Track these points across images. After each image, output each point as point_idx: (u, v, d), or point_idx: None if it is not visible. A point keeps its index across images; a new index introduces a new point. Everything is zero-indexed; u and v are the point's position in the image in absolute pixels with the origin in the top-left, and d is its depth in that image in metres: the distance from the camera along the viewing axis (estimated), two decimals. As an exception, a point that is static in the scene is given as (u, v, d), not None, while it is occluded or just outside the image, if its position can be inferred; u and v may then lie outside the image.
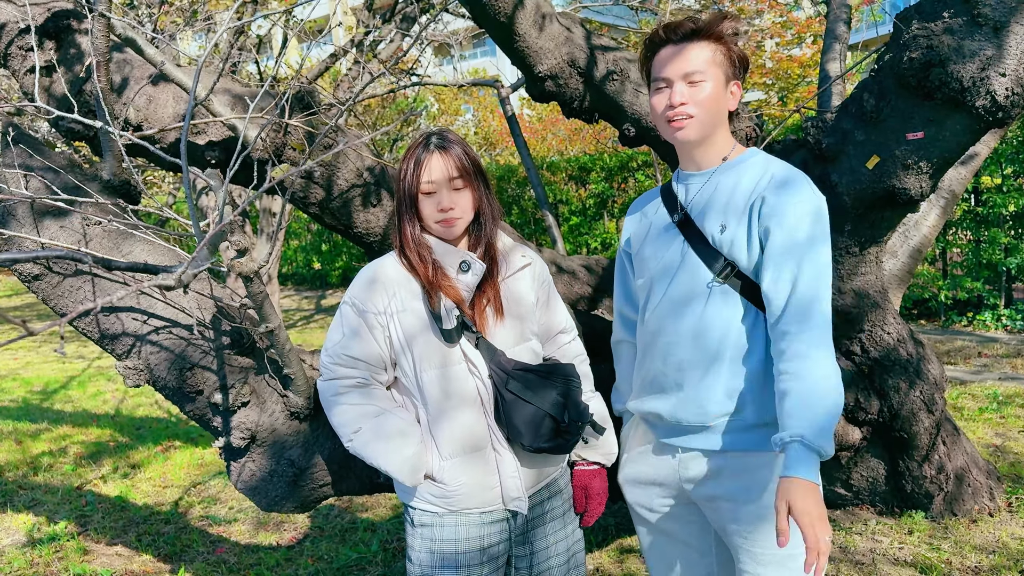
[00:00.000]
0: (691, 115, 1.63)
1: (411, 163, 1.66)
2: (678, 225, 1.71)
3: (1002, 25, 2.07)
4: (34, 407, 6.53)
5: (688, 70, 1.62)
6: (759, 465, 1.64)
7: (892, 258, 3.57)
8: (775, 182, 1.60)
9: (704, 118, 1.64)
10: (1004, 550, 2.88)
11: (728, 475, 1.66)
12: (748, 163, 1.67)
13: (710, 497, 1.70)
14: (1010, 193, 6.99)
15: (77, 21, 2.31)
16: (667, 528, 1.86)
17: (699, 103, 1.62)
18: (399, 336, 1.68)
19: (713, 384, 1.64)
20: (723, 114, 1.67)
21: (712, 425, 1.66)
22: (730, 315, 1.62)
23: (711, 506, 1.71)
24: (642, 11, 8.65)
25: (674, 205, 1.74)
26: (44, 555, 3.52)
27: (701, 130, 1.65)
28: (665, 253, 1.72)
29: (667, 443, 1.74)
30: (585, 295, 2.88)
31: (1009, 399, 4.92)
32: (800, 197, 1.58)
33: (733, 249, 1.62)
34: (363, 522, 3.73)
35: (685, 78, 1.62)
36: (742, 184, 1.64)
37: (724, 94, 1.66)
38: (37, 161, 2.10)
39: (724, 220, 1.63)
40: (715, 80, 1.63)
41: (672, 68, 1.64)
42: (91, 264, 1.51)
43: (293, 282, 15.48)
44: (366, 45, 5.42)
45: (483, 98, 18.03)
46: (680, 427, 1.71)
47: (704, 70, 1.62)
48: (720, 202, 1.65)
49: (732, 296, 1.62)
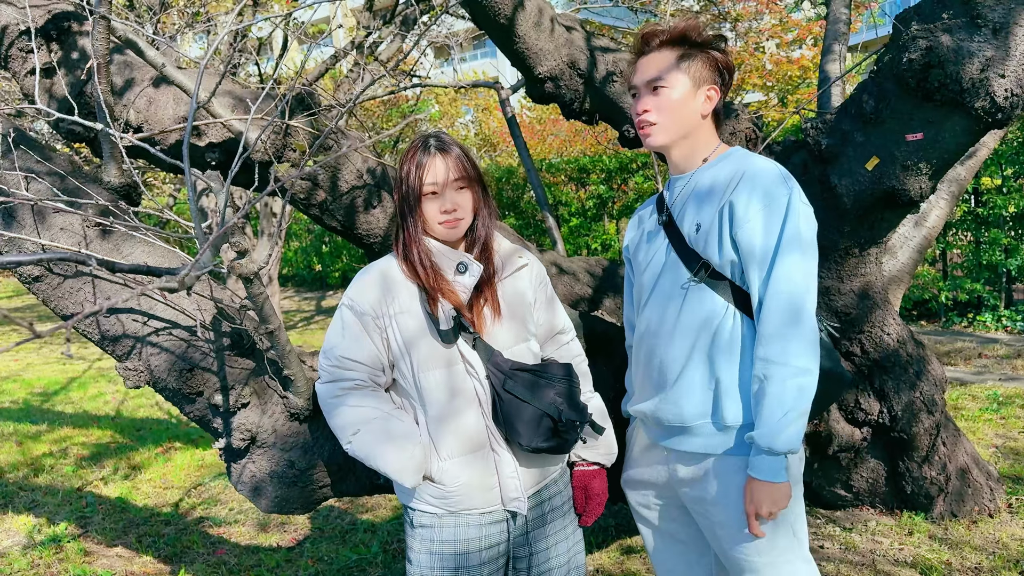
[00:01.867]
0: (653, 122, 1.66)
1: (412, 166, 1.66)
2: (663, 227, 1.74)
3: (1001, 26, 2.07)
4: (35, 408, 6.54)
5: (649, 77, 1.66)
6: (738, 468, 1.64)
7: (896, 254, 3.57)
8: (746, 182, 1.59)
9: (667, 124, 1.66)
10: (1004, 551, 2.88)
11: (711, 478, 1.66)
12: (726, 163, 1.68)
13: (696, 500, 1.71)
14: (1010, 194, 6.99)
15: (77, 23, 2.31)
16: (666, 528, 1.87)
17: (661, 109, 1.65)
18: (397, 338, 1.68)
19: (689, 385, 1.65)
20: (693, 119, 1.67)
21: (691, 427, 1.66)
22: (706, 315, 1.63)
23: (698, 510, 1.72)
24: (642, 12, 8.65)
25: (662, 209, 1.78)
26: (45, 556, 3.52)
27: (666, 136, 1.67)
28: (653, 255, 1.75)
29: (658, 444, 1.77)
30: (585, 296, 2.88)
31: (1009, 400, 4.92)
32: (772, 196, 1.57)
33: (707, 248, 1.63)
34: (363, 523, 3.73)
35: (648, 85, 1.67)
36: (716, 183, 1.65)
37: (692, 99, 1.66)
38: (38, 163, 2.10)
39: (699, 220, 1.65)
40: (679, 86, 1.64)
41: (638, 76, 1.69)
42: (94, 266, 1.51)
43: (293, 283, 15.49)
44: (366, 47, 5.42)
45: (483, 99, 18.04)
46: (664, 428, 1.72)
47: (665, 76, 1.64)
48: (696, 203, 1.67)
49: (708, 295, 1.63)
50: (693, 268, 1.64)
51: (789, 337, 1.53)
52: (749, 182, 1.59)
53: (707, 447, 1.65)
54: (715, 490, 1.65)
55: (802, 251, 1.56)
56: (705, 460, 1.67)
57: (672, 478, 1.75)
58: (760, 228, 1.56)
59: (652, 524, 1.88)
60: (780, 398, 1.53)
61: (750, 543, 1.64)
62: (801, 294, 1.55)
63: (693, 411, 1.65)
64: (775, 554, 1.65)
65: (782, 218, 1.56)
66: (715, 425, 1.64)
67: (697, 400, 1.64)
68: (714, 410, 1.63)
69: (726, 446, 1.63)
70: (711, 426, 1.64)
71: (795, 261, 1.55)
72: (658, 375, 1.70)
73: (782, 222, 1.55)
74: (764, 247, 1.56)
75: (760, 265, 1.56)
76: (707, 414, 1.64)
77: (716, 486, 1.65)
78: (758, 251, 1.56)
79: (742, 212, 1.57)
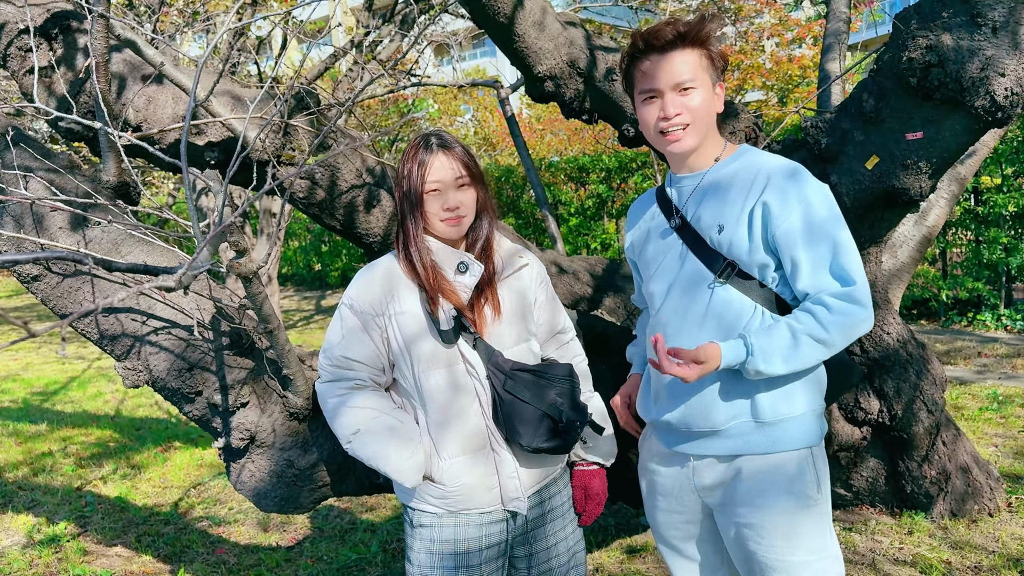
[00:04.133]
0: (687, 124, 1.61)
1: (414, 164, 1.66)
2: (676, 230, 1.70)
3: (1001, 25, 2.07)
4: (34, 408, 6.53)
5: (678, 80, 1.59)
6: (773, 466, 1.62)
7: (896, 253, 3.57)
8: (777, 179, 1.58)
9: (700, 125, 1.62)
10: (1004, 550, 2.88)
11: (743, 479, 1.64)
12: (740, 161, 1.66)
13: (724, 503, 1.68)
14: (1010, 193, 6.99)
15: (76, 22, 2.31)
16: (681, 546, 1.85)
17: (693, 111, 1.60)
18: (398, 337, 1.68)
19: (721, 387, 1.63)
20: (714, 118, 1.66)
21: (723, 429, 1.64)
22: (734, 315, 1.61)
23: (725, 512, 1.69)
24: (642, 11, 8.65)
25: (670, 209, 1.73)
26: (44, 556, 3.52)
27: (698, 137, 1.64)
28: (664, 258, 1.72)
29: (678, 451, 1.72)
30: (586, 296, 2.88)
31: (1009, 399, 4.92)
32: (810, 185, 1.58)
33: (733, 249, 1.60)
34: (363, 523, 3.73)
35: (676, 88, 1.59)
36: (736, 183, 1.62)
37: (713, 97, 1.64)
38: (37, 162, 2.10)
39: (721, 220, 1.62)
40: (704, 86, 1.61)
41: (661, 78, 1.60)
42: (92, 265, 1.51)
43: (293, 283, 15.49)
44: (365, 46, 5.42)
45: (482, 98, 18.03)
46: (691, 433, 1.69)
47: (694, 77, 1.59)
48: (715, 203, 1.64)
49: (735, 295, 1.61)
50: (715, 269, 1.62)
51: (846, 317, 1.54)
52: (778, 180, 1.58)
53: (742, 447, 1.63)
54: (747, 490, 1.64)
55: (847, 230, 1.59)
56: (736, 460, 1.65)
57: (696, 485, 1.72)
58: (809, 214, 1.56)
59: (664, 538, 1.86)
60: (798, 344, 1.54)
61: (786, 542, 1.62)
62: (861, 270, 1.56)
63: (726, 413, 1.62)
64: (810, 552, 1.64)
65: (823, 194, 1.58)
66: (751, 423, 1.62)
67: (730, 402, 1.62)
68: (747, 409, 1.61)
69: (760, 445, 1.62)
70: (745, 426, 1.62)
71: (849, 237, 1.58)
72: (680, 381, 1.65)
73: (824, 198, 1.57)
74: (819, 229, 1.55)
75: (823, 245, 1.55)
76: (739, 414, 1.62)
77: (749, 487, 1.63)
78: (818, 232, 1.55)
79: (778, 210, 1.55)
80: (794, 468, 1.62)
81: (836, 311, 1.53)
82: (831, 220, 1.56)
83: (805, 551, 1.64)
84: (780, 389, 1.61)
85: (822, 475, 1.66)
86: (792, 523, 1.63)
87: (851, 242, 1.57)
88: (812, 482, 1.63)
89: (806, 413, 1.63)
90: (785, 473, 1.62)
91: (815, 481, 1.64)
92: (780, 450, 1.62)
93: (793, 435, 1.62)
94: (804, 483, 1.62)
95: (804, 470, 1.63)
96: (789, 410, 1.61)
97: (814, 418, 1.65)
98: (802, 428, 1.63)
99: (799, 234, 1.55)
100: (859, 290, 1.54)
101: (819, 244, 1.55)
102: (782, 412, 1.61)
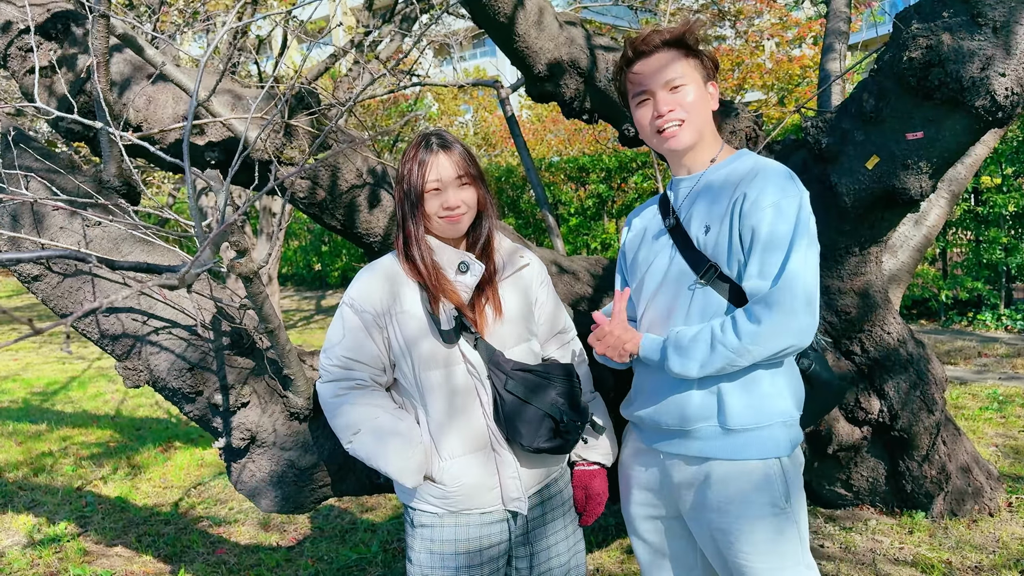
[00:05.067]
0: (682, 120, 1.63)
1: (414, 164, 1.66)
2: (669, 230, 1.71)
3: (1002, 25, 2.07)
4: (35, 408, 6.53)
5: (668, 78, 1.63)
6: (740, 474, 1.62)
7: (897, 253, 3.57)
8: (757, 178, 1.59)
9: (694, 120, 1.64)
10: (1004, 550, 2.88)
11: (711, 484, 1.65)
12: (735, 164, 1.67)
13: (695, 506, 1.69)
14: (1010, 193, 6.99)
15: (77, 22, 2.31)
16: (653, 541, 1.85)
17: (686, 107, 1.63)
18: (399, 337, 1.68)
19: (694, 389, 1.63)
20: (708, 115, 1.68)
21: (691, 430, 1.65)
22: (711, 317, 1.62)
23: (696, 516, 1.70)
24: (642, 11, 8.65)
25: (667, 210, 1.75)
26: (44, 556, 3.52)
27: (693, 133, 1.65)
28: (655, 258, 1.73)
29: (653, 448, 1.74)
30: (586, 296, 2.88)
31: (1009, 399, 4.92)
32: (790, 194, 1.56)
33: (716, 250, 1.61)
34: (363, 523, 3.73)
35: (666, 86, 1.64)
36: (728, 183, 1.64)
37: (706, 95, 1.67)
38: (37, 162, 2.10)
39: (708, 221, 1.63)
40: (695, 83, 1.65)
41: (652, 79, 1.65)
42: (94, 264, 1.51)
43: (293, 283, 15.49)
44: (366, 46, 5.42)
45: (483, 98, 18.03)
46: (661, 431, 1.70)
47: (683, 75, 1.63)
48: (705, 204, 1.65)
49: (714, 298, 1.62)
50: (700, 271, 1.62)
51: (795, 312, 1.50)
52: (763, 175, 1.58)
53: (709, 451, 1.64)
54: (715, 496, 1.64)
55: (811, 243, 1.56)
56: (704, 464, 1.65)
57: (666, 483, 1.74)
58: (773, 216, 1.54)
59: (639, 534, 1.86)
60: (713, 349, 1.54)
61: (754, 549, 1.63)
62: (813, 283, 1.54)
63: (695, 414, 1.63)
64: (779, 560, 1.64)
65: (797, 207, 1.55)
66: (717, 428, 1.62)
67: (699, 403, 1.63)
68: (716, 413, 1.62)
69: (727, 451, 1.62)
70: (711, 429, 1.63)
71: (811, 251, 1.55)
72: (659, 378, 1.69)
73: (797, 211, 1.55)
74: (781, 233, 1.53)
75: (771, 250, 1.53)
76: (708, 417, 1.63)
77: (717, 492, 1.64)
78: (774, 237, 1.53)
79: (754, 198, 1.55)
80: (760, 477, 1.62)
81: (754, 319, 1.52)
82: (795, 232, 1.54)
83: (775, 558, 1.63)
84: (751, 397, 1.61)
85: (793, 486, 1.65)
86: (759, 531, 1.62)
87: (806, 258, 1.54)
88: (780, 493, 1.63)
89: (775, 424, 1.62)
90: (751, 481, 1.62)
91: (783, 492, 1.63)
92: (746, 458, 1.62)
93: (760, 444, 1.62)
94: (771, 493, 1.62)
95: (771, 480, 1.62)
96: (756, 419, 1.61)
97: (784, 429, 1.64)
98: (771, 438, 1.62)
99: (759, 237, 1.55)
100: (785, 297, 1.50)
101: (773, 252, 1.54)
102: (749, 421, 1.60)
